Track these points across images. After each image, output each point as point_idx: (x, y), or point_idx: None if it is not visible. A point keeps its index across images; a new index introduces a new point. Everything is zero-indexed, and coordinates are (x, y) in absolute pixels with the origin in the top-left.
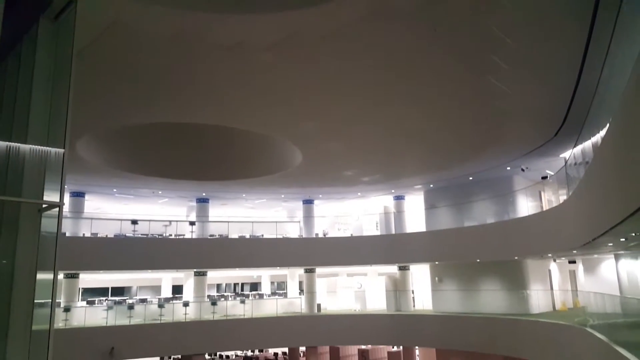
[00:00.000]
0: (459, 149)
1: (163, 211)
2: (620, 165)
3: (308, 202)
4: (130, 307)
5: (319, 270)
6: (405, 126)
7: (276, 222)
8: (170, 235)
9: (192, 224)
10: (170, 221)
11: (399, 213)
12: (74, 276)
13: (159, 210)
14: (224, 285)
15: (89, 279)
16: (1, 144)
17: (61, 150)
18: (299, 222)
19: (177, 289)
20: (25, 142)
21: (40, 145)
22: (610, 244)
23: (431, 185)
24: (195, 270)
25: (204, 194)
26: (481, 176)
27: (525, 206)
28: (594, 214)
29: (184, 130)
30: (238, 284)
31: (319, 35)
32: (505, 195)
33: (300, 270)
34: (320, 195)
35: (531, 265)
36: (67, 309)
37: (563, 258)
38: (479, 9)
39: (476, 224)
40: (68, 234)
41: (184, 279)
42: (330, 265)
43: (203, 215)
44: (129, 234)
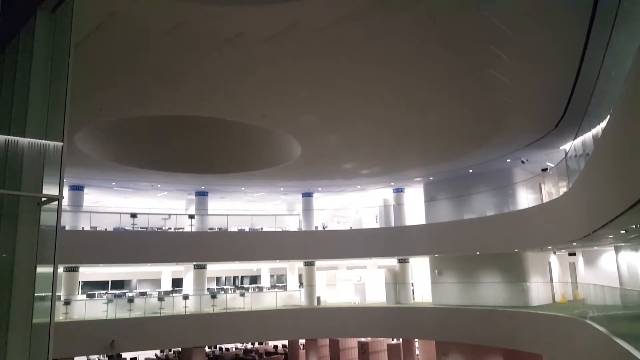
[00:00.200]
0: (458, 142)
1: (162, 204)
2: (620, 157)
3: (307, 195)
4: (130, 301)
5: (318, 263)
6: (404, 118)
7: (275, 215)
8: (169, 228)
9: (192, 217)
10: (169, 214)
11: (399, 206)
12: (74, 269)
13: (158, 204)
14: (224, 278)
15: (89, 273)
16: (0, 138)
17: (60, 143)
18: (298, 215)
19: (177, 282)
20: (24, 136)
21: (39, 138)
22: (611, 236)
23: (431, 178)
24: (194, 263)
25: (203, 187)
26: (481, 168)
27: (525, 198)
28: (594, 205)
29: (183, 123)
30: (238, 277)
31: (318, 27)
32: (505, 188)
33: (299, 263)
34: (319, 188)
35: (531, 257)
36: (67, 302)
37: (563, 250)
38: None
39: (476, 217)
40: (67, 228)
41: (184, 272)
42: (329, 258)
43: (202, 209)
44: (128, 228)
